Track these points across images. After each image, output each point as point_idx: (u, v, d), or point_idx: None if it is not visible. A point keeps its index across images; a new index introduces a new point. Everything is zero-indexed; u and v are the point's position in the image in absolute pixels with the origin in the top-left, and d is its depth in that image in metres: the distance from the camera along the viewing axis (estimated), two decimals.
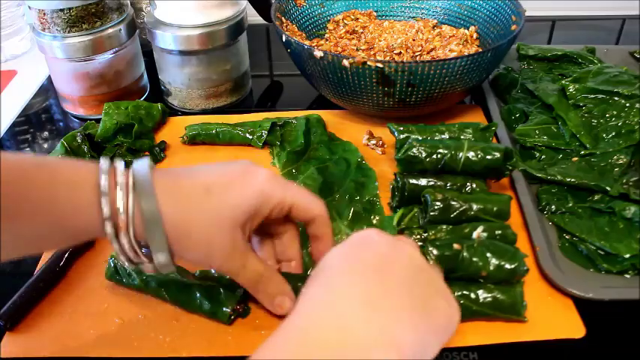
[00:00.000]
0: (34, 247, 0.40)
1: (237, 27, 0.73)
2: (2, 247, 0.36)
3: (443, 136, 0.60)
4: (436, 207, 0.52)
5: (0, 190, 0.34)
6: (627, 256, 0.51)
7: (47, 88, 0.85)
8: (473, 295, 0.46)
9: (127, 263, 0.40)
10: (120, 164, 0.38)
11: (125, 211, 0.37)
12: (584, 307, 0.48)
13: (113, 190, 0.37)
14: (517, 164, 0.59)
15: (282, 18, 0.76)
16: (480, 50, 0.75)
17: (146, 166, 0.39)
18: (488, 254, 0.47)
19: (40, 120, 0.79)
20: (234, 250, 0.41)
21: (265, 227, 0.47)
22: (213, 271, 0.50)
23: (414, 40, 0.76)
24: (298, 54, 0.67)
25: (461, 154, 0.55)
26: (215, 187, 0.40)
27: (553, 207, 0.57)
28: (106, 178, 0.37)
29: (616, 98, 0.65)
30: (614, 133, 0.63)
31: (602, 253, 0.52)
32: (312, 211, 0.45)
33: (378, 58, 0.72)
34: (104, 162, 0.38)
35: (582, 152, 0.62)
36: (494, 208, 0.52)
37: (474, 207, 0.52)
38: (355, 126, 0.71)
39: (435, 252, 0.47)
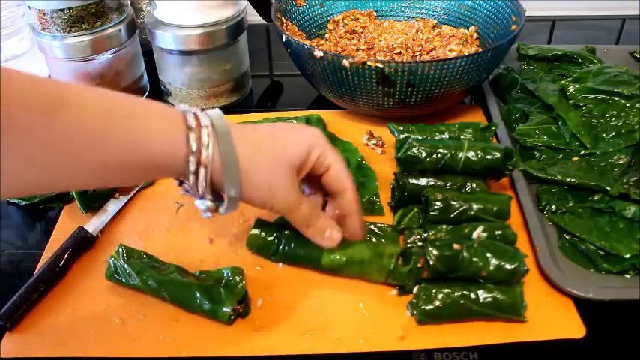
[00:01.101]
0: (115, 178, 0.42)
1: (237, 27, 0.73)
2: (87, 177, 0.40)
3: (443, 136, 0.60)
4: (436, 207, 0.52)
5: (89, 123, 0.38)
6: (627, 256, 0.51)
7: None
8: (473, 295, 0.46)
9: (195, 197, 0.44)
10: (198, 110, 0.43)
11: (207, 148, 0.42)
12: (584, 307, 0.48)
13: (198, 129, 0.42)
14: (517, 164, 0.59)
15: (282, 18, 0.76)
16: (480, 50, 0.75)
17: (221, 114, 0.44)
18: (488, 254, 0.47)
19: None
20: (292, 189, 0.47)
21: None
22: (213, 271, 0.51)
23: (414, 40, 0.76)
24: (298, 54, 0.67)
25: (461, 154, 0.55)
26: (277, 133, 0.47)
27: (553, 207, 0.57)
28: (192, 117, 0.42)
29: (616, 98, 0.65)
30: (614, 133, 0.63)
31: (602, 253, 0.52)
32: (344, 182, 0.49)
33: (378, 58, 0.72)
34: (185, 106, 0.44)
35: (582, 152, 0.62)
36: (494, 208, 0.52)
37: (474, 207, 0.52)
38: (355, 126, 0.71)
39: (435, 252, 0.47)
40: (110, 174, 0.41)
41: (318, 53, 0.63)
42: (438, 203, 0.52)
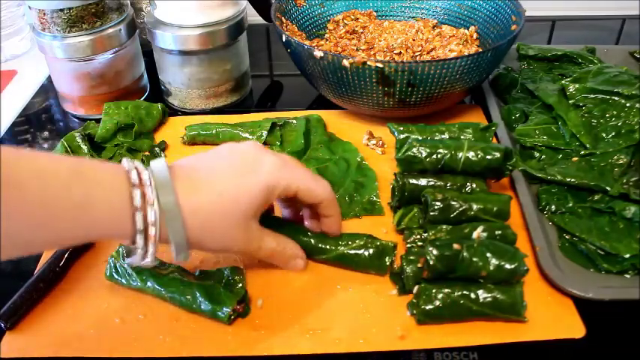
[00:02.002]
0: (58, 244, 0.44)
1: (237, 27, 0.73)
2: (32, 246, 0.39)
3: (443, 136, 0.60)
4: (436, 207, 0.52)
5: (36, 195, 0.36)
6: (627, 256, 0.51)
7: (47, 88, 0.85)
8: (473, 295, 0.46)
9: (146, 263, 0.42)
10: (145, 175, 0.41)
11: (154, 225, 0.40)
12: (584, 307, 0.48)
13: (144, 207, 0.40)
14: (517, 164, 0.59)
15: (282, 18, 0.76)
16: (480, 50, 0.75)
17: (165, 172, 0.42)
18: (489, 254, 0.47)
19: (40, 120, 0.79)
20: (248, 239, 0.46)
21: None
22: (213, 271, 0.51)
23: (414, 40, 0.76)
24: (298, 54, 0.67)
25: (461, 154, 0.55)
26: (225, 190, 0.44)
27: (553, 207, 0.57)
28: (138, 193, 0.40)
29: (616, 98, 0.65)
30: (614, 133, 0.63)
31: (602, 253, 0.52)
32: (317, 197, 0.49)
33: (378, 58, 0.72)
34: (134, 176, 0.40)
35: (582, 152, 0.62)
36: (494, 208, 0.52)
37: (474, 207, 0.52)
38: (355, 126, 0.71)
39: (435, 252, 0.47)
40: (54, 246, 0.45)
41: (318, 53, 0.63)
42: (438, 203, 0.52)
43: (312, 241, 0.52)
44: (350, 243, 0.51)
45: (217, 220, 0.44)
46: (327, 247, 0.52)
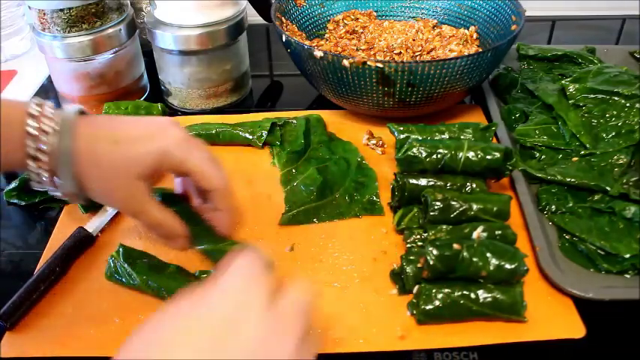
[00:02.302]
0: None
1: (237, 27, 0.73)
2: None
3: (443, 136, 0.60)
4: (436, 207, 0.52)
5: None
6: (627, 256, 0.51)
7: (47, 88, 0.85)
8: (473, 295, 0.46)
9: (38, 187, 0.45)
10: (48, 109, 0.43)
11: (47, 153, 0.42)
12: (584, 307, 0.48)
13: (40, 133, 0.42)
14: (517, 164, 0.59)
15: (282, 18, 0.76)
16: (480, 50, 0.75)
17: (73, 113, 0.45)
18: (488, 254, 0.47)
19: None
20: (132, 198, 0.46)
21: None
22: (212, 270, 0.51)
23: (414, 40, 0.76)
24: (298, 54, 0.67)
25: (461, 154, 0.55)
26: (123, 140, 0.45)
27: (553, 207, 0.57)
28: (33, 121, 0.43)
29: (616, 98, 0.65)
30: (614, 133, 0.63)
31: (602, 253, 0.52)
32: (209, 183, 0.48)
33: (378, 58, 0.72)
34: (33, 105, 0.43)
35: (582, 152, 0.62)
36: (494, 208, 0.52)
37: (474, 207, 0.52)
38: (355, 126, 0.71)
39: (435, 252, 0.47)
40: None
41: (318, 53, 0.63)
42: (438, 203, 0.52)
43: (197, 230, 0.50)
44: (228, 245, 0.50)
45: (105, 167, 0.44)
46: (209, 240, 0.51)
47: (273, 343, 0.34)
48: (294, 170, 0.63)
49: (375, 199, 0.59)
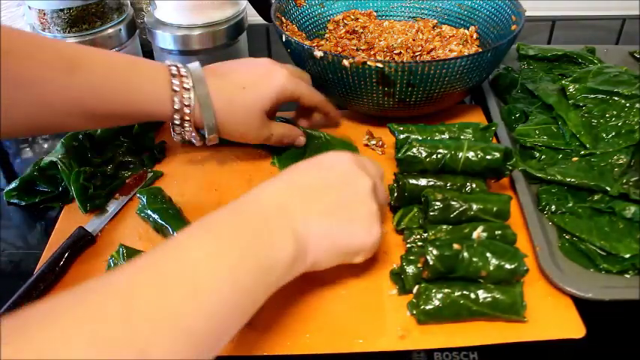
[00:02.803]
0: (112, 122, 0.57)
1: (237, 27, 0.73)
2: (89, 121, 0.53)
3: (443, 136, 0.60)
4: (436, 207, 0.52)
5: (102, 79, 0.50)
6: (627, 256, 0.51)
7: None
8: (473, 295, 0.46)
9: (181, 139, 0.58)
10: (183, 69, 0.54)
11: (189, 105, 0.54)
12: (584, 307, 0.48)
13: (181, 90, 0.53)
14: (517, 164, 0.59)
15: (282, 18, 0.76)
16: (480, 50, 0.75)
17: (199, 68, 0.55)
18: (488, 254, 0.47)
19: None
20: (262, 127, 0.59)
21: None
22: None
23: (414, 40, 0.76)
24: (298, 54, 0.67)
25: (461, 154, 0.55)
26: (248, 85, 0.57)
27: (553, 207, 0.57)
28: (176, 80, 0.53)
29: (616, 98, 0.65)
30: (614, 133, 0.63)
31: (602, 253, 0.52)
32: (314, 100, 0.63)
33: (378, 58, 0.72)
34: (172, 67, 0.54)
35: (582, 152, 0.62)
36: (494, 208, 0.52)
37: (474, 207, 0.52)
38: (355, 126, 0.71)
39: (434, 252, 0.47)
40: (110, 120, 0.55)
41: (318, 53, 0.63)
42: (438, 203, 0.52)
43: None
44: None
45: (239, 108, 0.56)
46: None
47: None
48: None
49: None
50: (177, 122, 0.54)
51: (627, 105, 0.64)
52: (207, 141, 0.57)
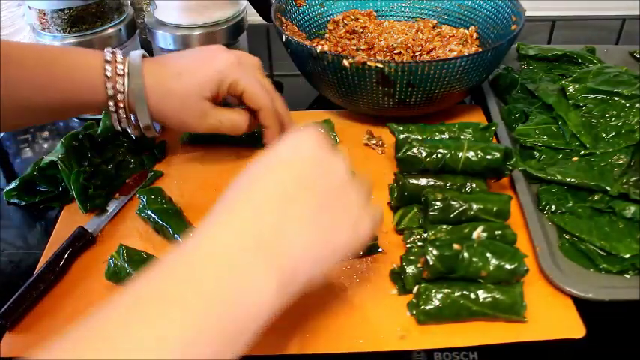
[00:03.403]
0: (50, 116, 0.58)
1: (237, 27, 0.73)
2: (26, 116, 0.53)
3: (443, 136, 0.60)
4: (436, 207, 0.52)
5: (32, 70, 0.50)
6: (627, 256, 0.51)
7: None
8: (473, 295, 0.46)
9: (119, 127, 0.56)
10: (119, 55, 0.53)
11: (122, 92, 0.52)
12: (584, 307, 0.48)
13: (114, 76, 0.52)
14: (517, 164, 0.59)
15: (282, 18, 0.76)
16: (480, 50, 0.75)
17: (138, 56, 0.54)
18: (488, 254, 0.47)
19: None
20: (203, 115, 0.55)
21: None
22: None
23: (414, 40, 0.76)
24: (298, 54, 0.67)
25: (461, 154, 0.55)
26: (185, 71, 0.54)
27: (553, 207, 0.57)
28: (110, 66, 0.52)
29: (616, 98, 0.65)
30: (614, 133, 0.63)
31: (602, 253, 0.52)
32: (257, 102, 0.57)
33: (378, 58, 0.72)
34: (108, 53, 0.53)
35: (582, 152, 0.62)
36: (494, 208, 0.52)
37: (474, 207, 0.52)
38: (355, 126, 0.71)
39: (434, 252, 0.47)
40: (52, 113, 0.54)
41: (318, 48, 0.63)
42: (438, 203, 0.52)
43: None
44: None
45: (175, 95, 0.54)
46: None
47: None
48: None
49: None
50: (112, 109, 0.53)
51: (627, 105, 0.64)
52: (143, 130, 0.55)
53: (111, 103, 0.53)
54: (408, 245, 0.53)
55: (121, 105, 0.53)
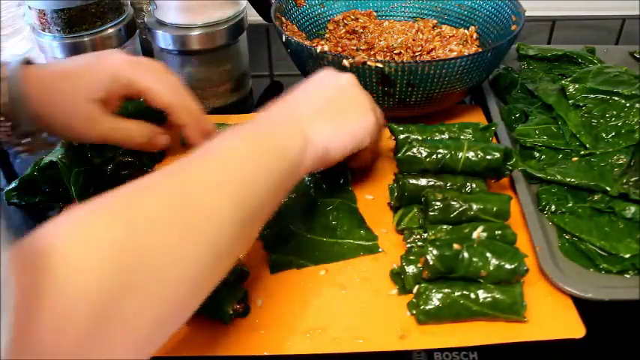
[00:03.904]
0: None
1: (237, 27, 0.73)
2: None
3: (443, 136, 0.60)
4: (436, 207, 0.52)
5: None
6: (627, 256, 0.51)
7: None
8: (473, 295, 0.46)
9: (6, 144, 0.51)
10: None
11: None
12: (584, 307, 0.48)
13: None
14: (517, 164, 0.59)
15: (282, 18, 0.76)
16: (480, 50, 0.75)
17: (17, 62, 0.49)
18: (488, 254, 0.47)
19: None
20: (91, 120, 0.50)
21: None
22: None
23: (413, 40, 0.76)
24: (298, 54, 0.67)
25: (461, 154, 0.55)
26: (71, 73, 0.50)
27: (553, 207, 0.57)
28: None
29: (616, 98, 0.65)
30: (614, 133, 0.63)
31: (602, 253, 0.52)
32: (161, 101, 0.52)
33: (378, 58, 0.72)
34: None
35: (582, 152, 0.62)
36: (494, 208, 0.52)
37: (474, 207, 0.52)
38: None
39: (435, 252, 0.47)
40: None
41: (319, 48, 0.63)
42: (438, 203, 0.52)
43: None
44: None
45: (58, 97, 0.49)
46: None
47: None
48: None
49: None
50: None
51: (627, 105, 0.64)
52: (31, 143, 0.53)
53: None
54: (408, 245, 0.53)
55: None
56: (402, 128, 0.61)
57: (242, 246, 0.40)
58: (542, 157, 0.63)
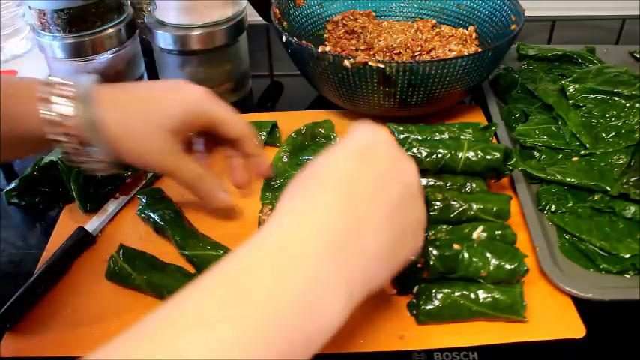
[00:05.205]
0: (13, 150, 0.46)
1: (237, 27, 0.73)
2: None
3: (443, 136, 0.60)
4: (436, 207, 0.52)
5: None
6: (627, 256, 0.51)
7: None
8: (473, 295, 0.46)
9: (76, 161, 0.46)
10: (65, 79, 0.45)
11: (67, 116, 0.43)
12: (584, 307, 0.48)
13: (55, 98, 0.43)
14: (517, 164, 0.59)
15: (282, 18, 0.76)
16: (480, 50, 0.75)
17: (89, 80, 0.46)
18: (488, 254, 0.47)
19: None
20: (165, 152, 0.47)
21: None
22: None
23: (413, 40, 0.76)
24: (298, 54, 0.67)
25: (461, 154, 0.55)
26: (148, 98, 0.46)
27: (553, 207, 0.57)
28: (45, 90, 0.44)
29: (616, 98, 0.65)
30: (614, 133, 0.63)
31: (602, 253, 0.52)
32: (238, 130, 0.50)
33: (378, 58, 0.72)
34: (53, 77, 0.45)
35: (582, 152, 0.62)
36: (494, 208, 0.52)
37: (474, 207, 0.52)
38: None
39: (434, 252, 0.47)
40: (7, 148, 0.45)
41: (320, 49, 0.63)
42: (438, 203, 0.52)
43: (185, 234, 0.54)
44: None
45: (137, 120, 0.45)
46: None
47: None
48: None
49: None
50: (52, 137, 0.44)
51: (627, 105, 0.64)
52: (101, 166, 0.47)
53: (49, 130, 0.43)
54: None
55: (67, 131, 0.43)
56: (402, 128, 0.61)
57: None
58: (542, 157, 0.63)
